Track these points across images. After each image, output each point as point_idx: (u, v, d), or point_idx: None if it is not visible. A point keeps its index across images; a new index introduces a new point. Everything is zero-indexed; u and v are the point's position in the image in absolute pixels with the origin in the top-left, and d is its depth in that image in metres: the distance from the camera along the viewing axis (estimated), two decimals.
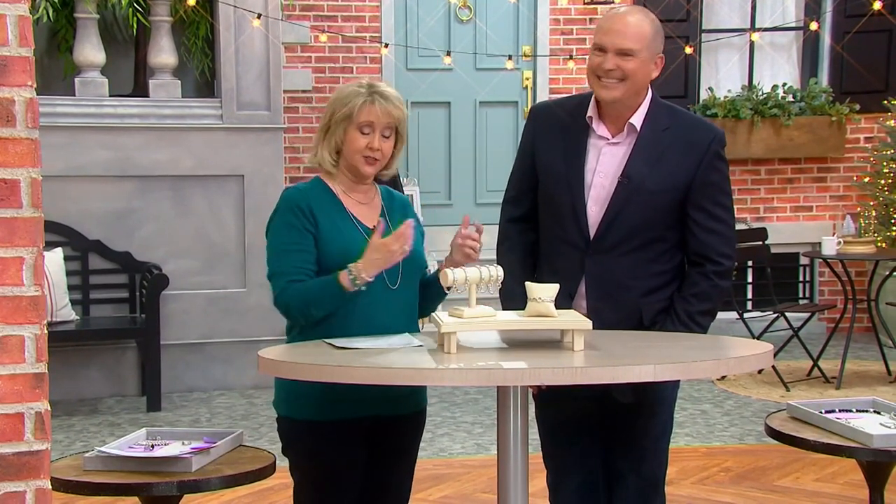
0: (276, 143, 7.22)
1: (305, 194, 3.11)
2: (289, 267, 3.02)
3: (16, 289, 2.23)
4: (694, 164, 3.18)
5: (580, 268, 3.19)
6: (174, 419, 6.44)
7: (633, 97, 3.17)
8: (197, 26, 7.38)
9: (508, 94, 8.92)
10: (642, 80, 3.15)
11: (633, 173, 3.16)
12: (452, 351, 2.78)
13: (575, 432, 3.31)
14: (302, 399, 3.04)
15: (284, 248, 3.05)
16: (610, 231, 3.17)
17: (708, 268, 3.20)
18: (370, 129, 3.05)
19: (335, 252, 3.04)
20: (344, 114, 3.07)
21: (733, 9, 9.12)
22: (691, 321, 3.18)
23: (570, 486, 3.34)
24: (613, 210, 3.16)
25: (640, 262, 3.19)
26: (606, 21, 3.17)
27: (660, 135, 3.19)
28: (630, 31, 3.10)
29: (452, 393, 6.97)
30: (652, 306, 3.20)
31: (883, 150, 8.54)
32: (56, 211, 6.63)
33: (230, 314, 7.06)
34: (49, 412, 2.27)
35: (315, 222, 3.05)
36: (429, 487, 5.06)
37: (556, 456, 3.37)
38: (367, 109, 3.04)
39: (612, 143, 3.21)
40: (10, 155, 2.21)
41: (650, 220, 3.17)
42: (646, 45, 3.10)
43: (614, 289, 3.18)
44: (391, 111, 3.06)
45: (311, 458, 3.07)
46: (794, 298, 9.07)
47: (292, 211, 3.07)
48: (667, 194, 3.16)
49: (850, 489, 4.97)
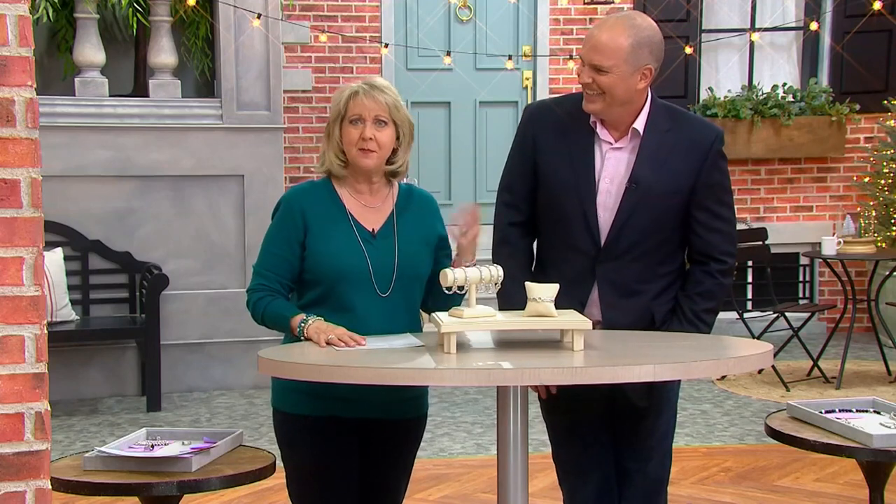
0: (276, 143, 7.22)
1: (302, 196, 3.11)
2: (263, 269, 3.10)
3: (16, 289, 2.23)
4: (697, 164, 3.17)
5: (591, 274, 3.18)
6: (174, 419, 6.44)
7: (619, 108, 3.13)
8: (197, 26, 7.38)
9: (508, 94, 8.92)
10: (624, 94, 3.10)
11: (639, 178, 3.14)
12: (452, 351, 2.78)
13: (589, 433, 3.30)
14: (294, 393, 3.05)
15: (266, 249, 3.12)
16: (621, 237, 3.15)
17: (712, 266, 3.20)
18: (360, 120, 3.04)
19: (325, 255, 3.04)
20: (335, 112, 3.09)
21: (733, 9, 9.12)
22: (697, 319, 3.19)
23: (588, 489, 3.30)
24: (623, 215, 3.15)
25: (650, 266, 3.19)
26: (588, 33, 3.15)
27: (662, 137, 3.18)
28: (603, 47, 3.06)
29: (452, 393, 6.97)
30: (661, 308, 3.21)
31: (883, 150, 8.54)
32: (56, 211, 6.63)
33: (230, 314, 7.05)
34: (49, 412, 2.27)
35: (305, 226, 3.06)
36: (429, 487, 5.06)
37: (571, 460, 3.34)
38: (353, 102, 3.05)
39: (616, 147, 3.19)
40: (10, 155, 2.21)
41: (658, 223, 3.16)
42: (622, 60, 3.05)
43: (626, 294, 3.17)
44: (378, 98, 3.04)
45: (300, 452, 3.08)
46: (794, 298, 9.07)
47: (284, 214, 3.10)
48: (673, 197, 3.16)
49: (850, 489, 4.97)
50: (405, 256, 3.07)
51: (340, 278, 3.02)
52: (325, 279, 3.04)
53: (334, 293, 3.03)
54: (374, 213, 3.12)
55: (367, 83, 3.08)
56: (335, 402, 3.01)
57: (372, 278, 3.03)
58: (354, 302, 3.02)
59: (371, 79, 3.11)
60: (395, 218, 3.12)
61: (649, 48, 3.09)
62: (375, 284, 3.03)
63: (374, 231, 3.07)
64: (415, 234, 3.12)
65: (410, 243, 3.10)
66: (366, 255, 3.04)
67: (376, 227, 3.09)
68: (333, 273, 3.02)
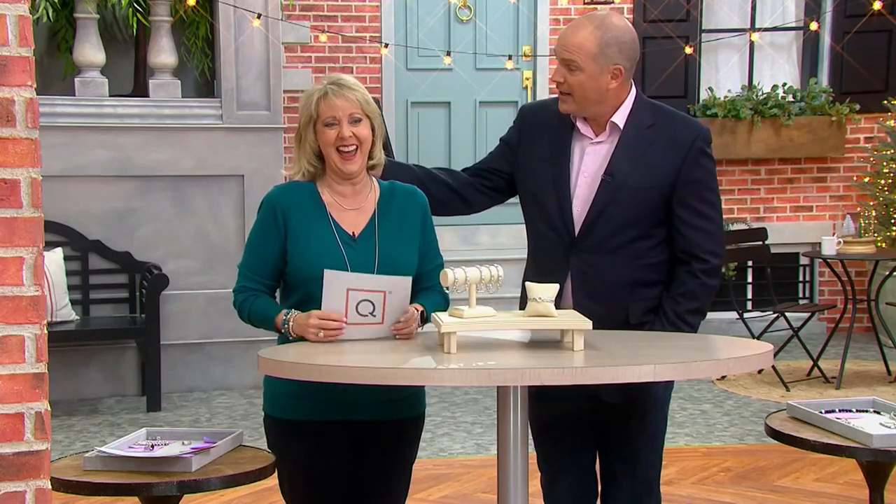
0: (276, 143, 7.22)
1: (284, 195, 3.11)
2: (246, 269, 3.15)
3: (16, 289, 2.23)
4: (678, 161, 3.17)
5: (565, 265, 3.20)
6: (174, 419, 6.44)
7: (593, 107, 3.16)
8: (197, 26, 7.38)
9: (508, 94, 8.91)
10: (594, 94, 3.13)
11: (616, 171, 3.16)
12: (452, 351, 2.78)
13: (567, 431, 3.31)
14: (284, 398, 3.06)
15: (249, 249, 3.17)
16: (594, 228, 3.17)
17: (695, 266, 3.20)
18: (335, 121, 3.01)
19: (304, 257, 3.03)
20: (307, 117, 3.05)
21: (733, 9, 9.11)
22: (680, 320, 3.18)
23: (562, 486, 3.33)
24: (597, 207, 3.16)
25: (626, 259, 3.18)
26: (561, 31, 3.19)
27: (643, 132, 3.19)
28: (572, 45, 3.10)
29: (452, 393, 6.97)
30: (638, 304, 3.20)
31: (883, 150, 8.54)
32: (56, 211, 6.64)
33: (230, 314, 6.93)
34: (49, 412, 2.27)
35: (286, 226, 3.06)
36: (429, 487, 5.06)
37: (548, 455, 3.36)
38: (325, 104, 3.01)
39: (596, 142, 3.22)
40: (10, 155, 2.21)
41: (635, 218, 3.17)
42: (590, 59, 3.08)
43: (600, 286, 3.18)
44: (348, 96, 3.01)
45: (290, 457, 3.08)
46: (794, 298, 9.07)
47: (266, 212, 3.12)
48: (651, 191, 3.16)
49: (850, 489, 4.97)
50: (386, 258, 3.04)
51: (319, 281, 2.96)
52: (305, 282, 3.03)
53: (314, 296, 2.99)
54: (356, 214, 3.09)
55: (334, 83, 3.04)
56: (326, 405, 3.01)
57: None
58: None
59: (336, 78, 3.07)
60: (377, 219, 3.09)
61: (618, 47, 3.11)
62: None
63: (354, 234, 3.06)
64: (398, 235, 3.09)
65: (393, 244, 3.07)
66: (345, 257, 3.02)
67: (357, 229, 3.07)
68: (311, 276, 2.99)
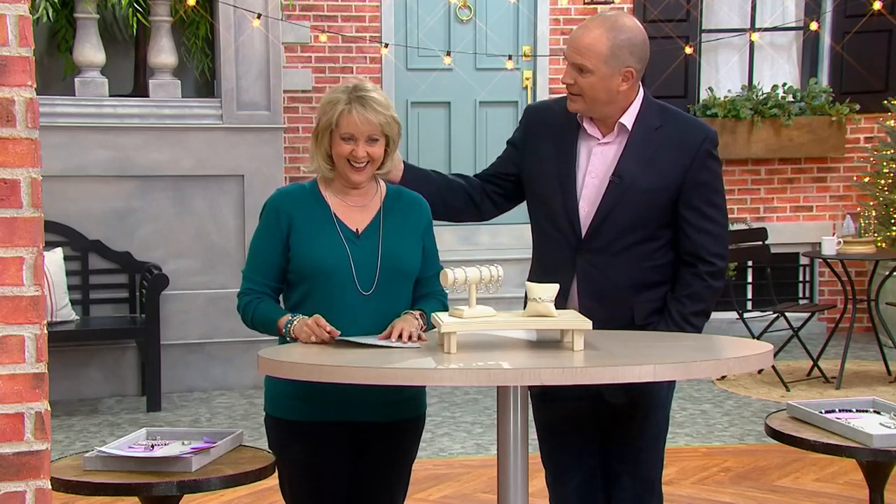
0: (276, 143, 7.22)
1: (287, 197, 3.11)
2: (250, 273, 3.12)
3: (16, 289, 2.23)
4: (685, 163, 3.17)
5: (571, 266, 3.20)
6: (174, 419, 6.44)
7: (602, 108, 3.16)
8: (197, 26, 7.38)
9: (508, 94, 8.91)
10: (604, 96, 3.12)
11: (624, 172, 3.16)
12: (452, 351, 2.78)
13: (571, 432, 3.31)
14: (284, 399, 3.06)
15: (253, 252, 3.14)
16: (601, 230, 3.17)
17: (701, 268, 3.20)
18: (352, 138, 2.99)
19: (308, 253, 3.03)
20: (326, 122, 3.02)
21: (733, 9, 9.11)
22: (685, 322, 3.18)
23: (568, 487, 3.33)
24: (604, 209, 3.16)
25: (632, 261, 3.18)
26: (571, 33, 3.18)
27: (651, 134, 3.19)
28: (583, 48, 3.09)
29: (452, 393, 6.97)
30: (643, 305, 3.21)
31: (883, 150, 8.54)
32: (56, 211, 6.63)
33: (230, 314, 6.96)
34: (49, 412, 2.27)
35: (290, 227, 3.05)
36: (429, 487, 5.06)
37: (553, 456, 3.36)
38: (346, 120, 2.97)
39: (603, 143, 3.21)
40: (10, 155, 2.21)
41: (641, 219, 3.17)
42: (602, 62, 3.07)
43: (605, 287, 3.18)
44: (371, 119, 2.97)
45: (290, 458, 3.08)
46: (794, 298, 9.07)
47: (268, 216, 3.11)
48: (658, 193, 3.16)
49: (850, 489, 4.97)
50: (389, 254, 3.05)
51: (322, 276, 3.00)
52: (307, 277, 3.04)
53: (316, 292, 3.02)
54: (360, 212, 3.10)
55: (360, 97, 2.98)
56: (326, 406, 3.01)
57: (354, 276, 3.01)
58: (337, 300, 3.00)
59: (363, 90, 3.00)
60: (382, 216, 3.10)
61: (630, 49, 3.10)
62: (357, 282, 3.01)
63: (357, 231, 3.06)
64: (402, 232, 3.10)
65: (396, 241, 3.08)
66: (348, 252, 3.02)
67: (361, 226, 3.07)
68: (315, 271, 3.01)
